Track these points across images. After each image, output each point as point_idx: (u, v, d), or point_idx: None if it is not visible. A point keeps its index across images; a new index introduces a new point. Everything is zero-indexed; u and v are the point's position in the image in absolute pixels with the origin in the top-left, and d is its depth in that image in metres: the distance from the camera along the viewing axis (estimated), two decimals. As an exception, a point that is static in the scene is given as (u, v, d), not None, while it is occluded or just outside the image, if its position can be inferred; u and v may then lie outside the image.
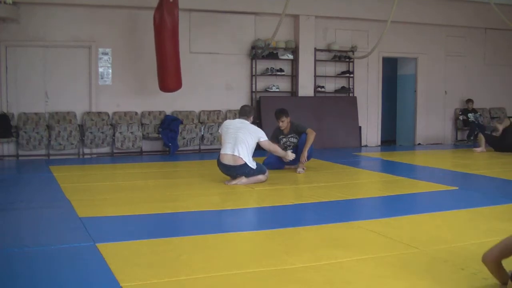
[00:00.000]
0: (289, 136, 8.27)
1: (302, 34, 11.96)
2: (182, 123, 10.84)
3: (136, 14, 10.77)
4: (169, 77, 10.03)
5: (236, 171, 7.04)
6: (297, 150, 8.10)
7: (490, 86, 14.00)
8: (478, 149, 10.85)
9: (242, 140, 6.99)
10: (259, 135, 7.20)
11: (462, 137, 13.71)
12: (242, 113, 7.45)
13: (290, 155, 7.80)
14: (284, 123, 8.15)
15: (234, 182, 7.06)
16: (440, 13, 12.97)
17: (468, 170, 8.59)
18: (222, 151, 7.13)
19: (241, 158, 6.94)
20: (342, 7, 12.10)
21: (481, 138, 11.05)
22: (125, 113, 10.84)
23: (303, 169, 8.09)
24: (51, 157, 10.17)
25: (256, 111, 11.58)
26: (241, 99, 11.73)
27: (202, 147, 11.21)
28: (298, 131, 8.22)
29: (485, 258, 3.23)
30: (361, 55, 11.88)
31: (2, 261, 3.89)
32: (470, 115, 13.25)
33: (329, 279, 3.50)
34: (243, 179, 7.06)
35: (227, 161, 7.02)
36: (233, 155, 6.96)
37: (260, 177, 7.16)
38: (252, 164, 7.04)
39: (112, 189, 6.84)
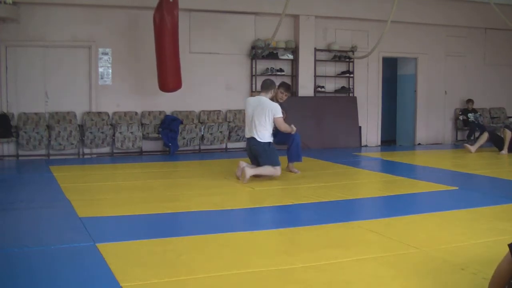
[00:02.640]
0: None
1: (302, 34, 11.96)
2: (182, 123, 10.83)
3: (136, 14, 10.77)
4: (169, 77, 10.00)
5: (256, 143, 7.37)
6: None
7: (490, 86, 14.00)
8: (470, 147, 10.79)
9: (259, 124, 7.36)
10: (273, 112, 7.40)
11: (462, 137, 13.70)
12: (263, 86, 7.66)
13: (294, 128, 7.89)
14: (285, 98, 8.16)
15: (245, 171, 7.19)
16: (440, 13, 12.96)
17: (468, 170, 8.59)
18: (246, 134, 7.68)
19: (261, 139, 7.36)
20: (342, 7, 12.09)
21: (483, 138, 10.91)
22: (125, 113, 10.83)
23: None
24: (51, 157, 10.16)
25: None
26: (241, 99, 11.70)
27: (202, 147, 11.21)
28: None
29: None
30: (361, 55, 11.88)
31: (2, 261, 3.89)
32: (470, 115, 13.25)
33: (329, 279, 3.50)
34: (251, 170, 7.26)
35: (251, 134, 7.48)
36: (254, 137, 7.41)
37: (270, 168, 7.39)
38: (270, 141, 7.43)
39: (112, 189, 6.84)
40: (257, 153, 7.47)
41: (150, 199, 6.16)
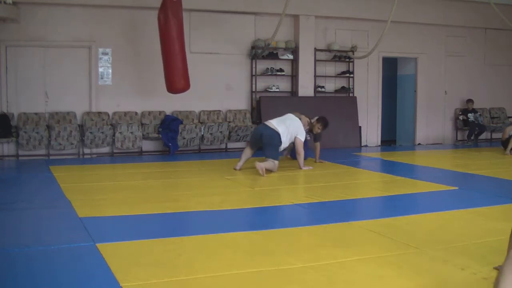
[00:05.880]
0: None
1: (302, 34, 11.96)
2: (182, 123, 10.83)
3: (136, 14, 10.77)
4: (178, 78, 9.77)
5: (268, 131, 8.05)
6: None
7: (490, 86, 14.00)
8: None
9: (285, 125, 8.14)
10: (298, 132, 8.21)
11: (462, 137, 13.71)
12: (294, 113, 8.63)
13: (305, 168, 8.38)
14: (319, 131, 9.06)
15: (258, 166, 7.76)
16: (440, 13, 12.96)
17: (468, 170, 8.59)
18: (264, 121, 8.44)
19: (279, 131, 8.04)
20: (342, 7, 12.09)
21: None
22: (125, 113, 10.83)
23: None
24: (51, 157, 10.16)
25: (257, 111, 11.60)
26: (241, 99, 11.73)
27: (202, 147, 11.21)
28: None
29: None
30: (361, 55, 11.87)
31: (2, 261, 3.89)
32: (470, 115, 13.25)
33: (329, 279, 3.50)
34: (262, 164, 7.84)
35: (268, 123, 8.21)
36: (274, 127, 8.11)
37: (270, 163, 7.89)
38: (282, 142, 8.05)
39: (112, 189, 6.84)
40: (266, 142, 8.01)
41: (150, 199, 6.16)
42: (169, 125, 10.68)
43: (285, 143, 8.19)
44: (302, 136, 8.26)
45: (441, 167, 9.05)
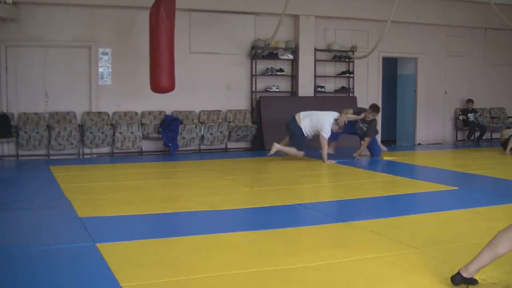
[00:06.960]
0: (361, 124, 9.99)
1: (302, 34, 11.96)
2: (182, 123, 10.82)
3: (136, 14, 10.76)
4: (162, 77, 9.56)
5: (292, 124, 9.30)
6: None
7: (490, 86, 14.00)
8: None
9: (309, 119, 9.26)
10: (321, 128, 9.17)
11: (462, 137, 13.70)
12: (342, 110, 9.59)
13: (328, 162, 9.23)
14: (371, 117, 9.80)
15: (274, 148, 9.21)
16: (440, 13, 12.96)
17: (468, 170, 8.59)
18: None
19: (301, 125, 9.22)
20: (342, 7, 12.09)
21: None
22: (125, 113, 10.84)
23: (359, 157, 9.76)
24: (51, 157, 10.16)
25: (257, 111, 11.59)
26: (241, 99, 11.73)
27: (202, 147, 11.21)
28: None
29: None
30: (361, 55, 11.87)
31: (2, 261, 3.89)
32: (470, 115, 13.25)
33: (329, 279, 3.50)
34: (280, 147, 9.25)
35: (296, 116, 9.33)
36: (299, 120, 9.27)
37: (294, 151, 9.25)
38: (303, 133, 9.23)
39: (112, 189, 6.84)
40: (290, 134, 9.36)
41: (150, 199, 6.16)
42: (169, 125, 10.67)
43: (308, 134, 9.32)
44: (325, 132, 9.16)
45: (441, 167, 9.05)
